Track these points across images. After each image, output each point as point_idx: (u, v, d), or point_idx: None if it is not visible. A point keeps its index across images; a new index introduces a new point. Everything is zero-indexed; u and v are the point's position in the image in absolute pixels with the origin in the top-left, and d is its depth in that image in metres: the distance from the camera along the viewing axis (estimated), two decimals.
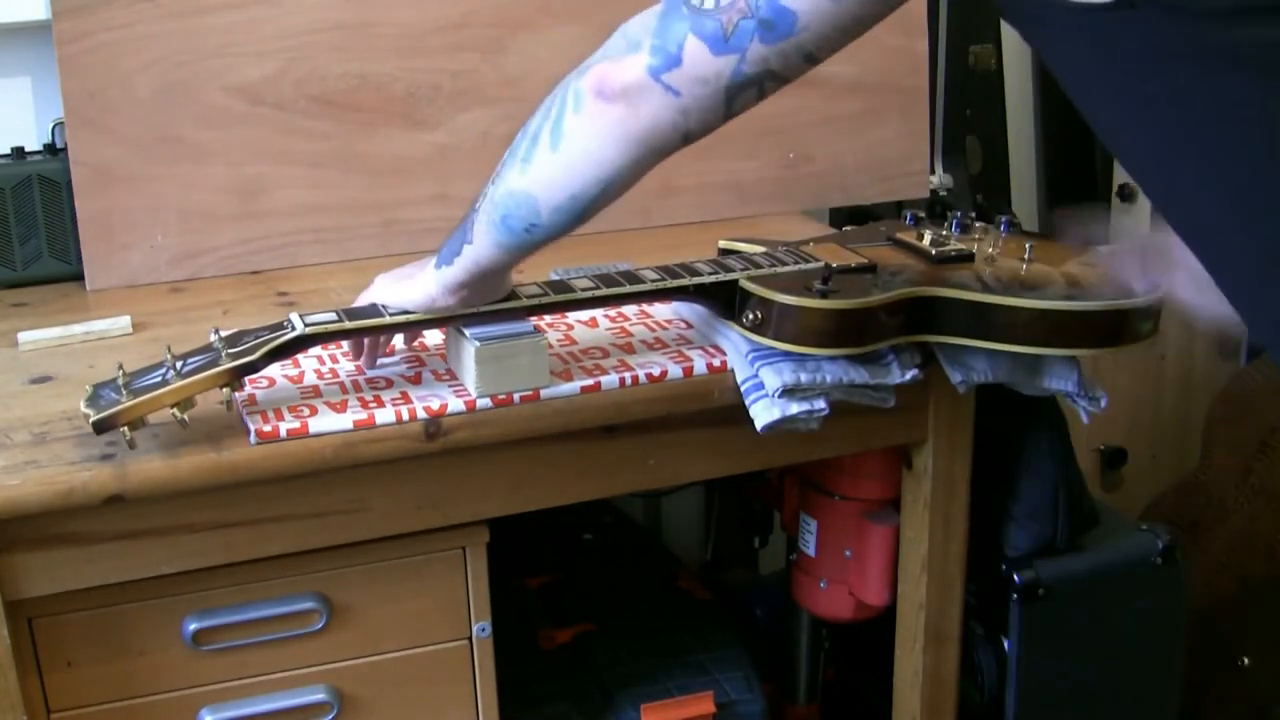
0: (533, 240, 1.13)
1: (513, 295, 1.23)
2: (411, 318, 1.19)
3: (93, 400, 1.11)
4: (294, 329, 1.16)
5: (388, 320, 1.19)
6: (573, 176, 1.08)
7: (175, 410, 1.10)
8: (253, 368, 1.13)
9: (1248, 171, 0.90)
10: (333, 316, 1.18)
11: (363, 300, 1.22)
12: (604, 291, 1.25)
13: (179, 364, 1.12)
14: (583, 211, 1.10)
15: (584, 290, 1.25)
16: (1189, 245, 0.99)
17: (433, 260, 1.18)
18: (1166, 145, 0.93)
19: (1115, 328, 1.29)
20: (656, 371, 1.26)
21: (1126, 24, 0.87)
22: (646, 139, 1.05)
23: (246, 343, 1.14)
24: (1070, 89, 0.98)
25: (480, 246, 1.14)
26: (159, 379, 1.11)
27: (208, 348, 1.15)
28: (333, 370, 1.27)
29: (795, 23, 0.97)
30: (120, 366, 1.13)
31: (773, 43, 0.99)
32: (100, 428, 1.08)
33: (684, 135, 1.06)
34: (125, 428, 1.09)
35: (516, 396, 1.21)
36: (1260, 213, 0.90)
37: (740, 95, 1.03)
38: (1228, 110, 0.88)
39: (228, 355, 1.13)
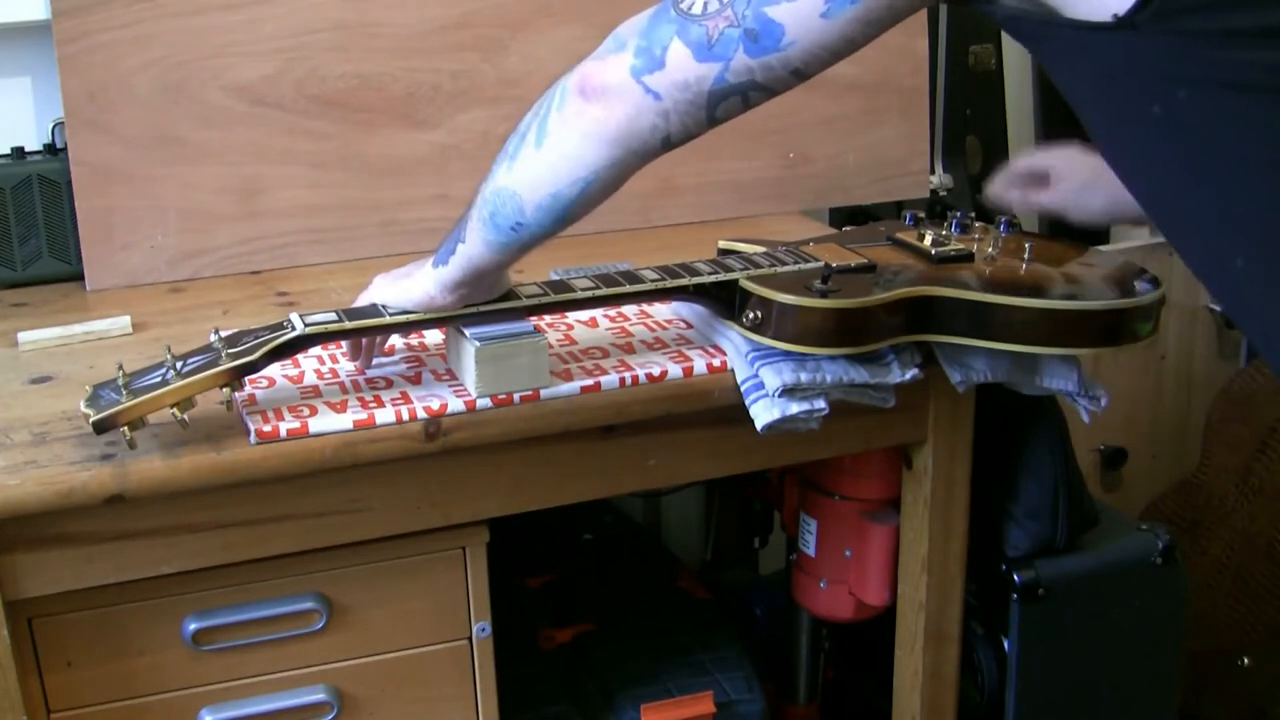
0: (520, 240, 1.13)
1: (513, 295, 1.23)
2: (411, 318, 1.19)
3: (93, 400, 1.11)
4: (294, 329, 1.16)
5: (388, 320, 1.19)
6: (554, 175, 1.08)
7: (175, 410, 1.10)
8: (253, 368, 1.13)
9: (1252, 191, 0.90)
10: (333, 316, 1.18)
11: (362, 300, 1.23)
12: (604, 291, 1.25)
13: (179, 364, 1.12)
14: (565, 211, 1.10)
15: (584, 290, 1.25)
16: (1191, 265, 0.99)
17: (430, 260, 1.18)
18: (1165, 165, 0.93)
19: (1115, 327, 1.29)
20: (656, 371, 1.26)
21: (1127, 45, 0.87)
22: (624, 140, 1.05)
23: (246, 343, 1.14)
24: (1073, 104, 0.98)
25: (472, 245, 1.14)
26: (159, 379, 1.11)
27: (208, 348, 1.15)
28: (333, 370, 1.27)
29: (782, 37, 0.97)
30: (120, 366, 1.13)
31: (757, 55, 0.99)
32: (100, 428, 1.08)
33: (664, 139, 1.05)
34: (125, 428, 1.09)
35: (516, 396, 1.21)
36: (1266, 233, 0.90)
37: (722, 103, 1.03)
38: (1230, 130, 0.88)
39: (228, 355, 1.13)
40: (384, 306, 1.20)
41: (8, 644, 1.14)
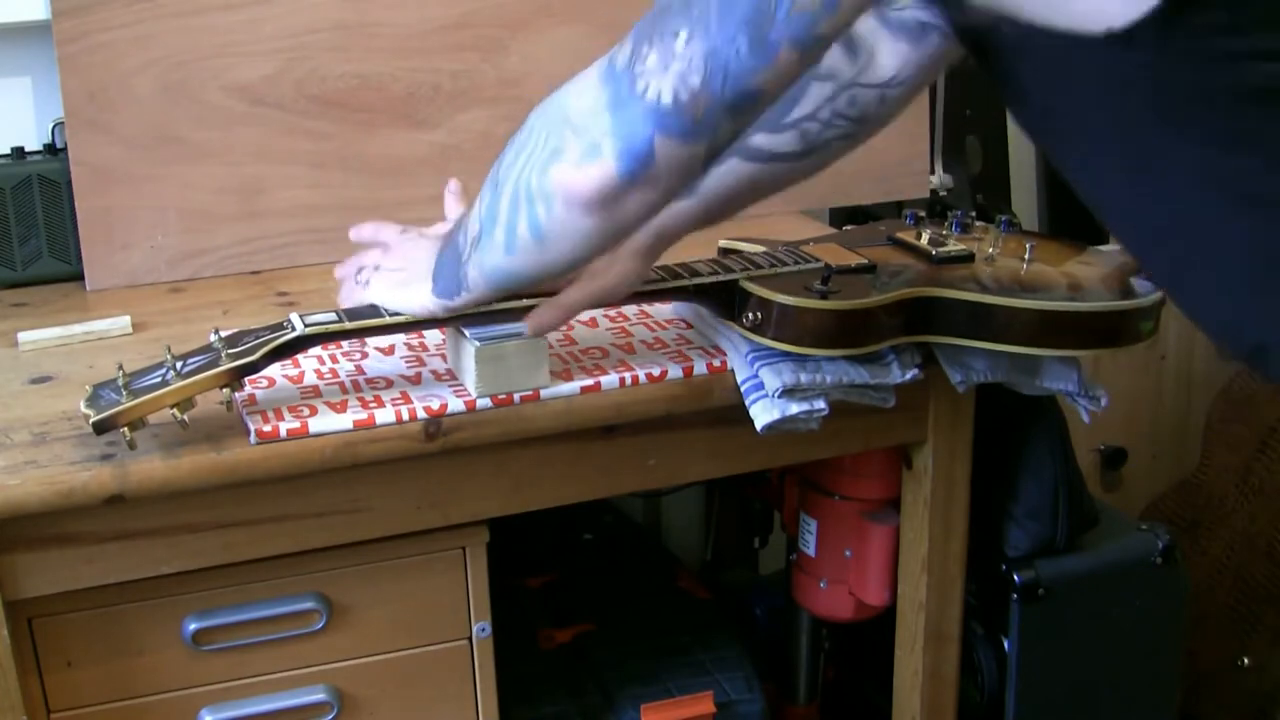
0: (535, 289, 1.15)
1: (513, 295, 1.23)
2: (412, 318, 1.19)
3: (93, 401, 1.10)
4: (294, 329, 1.16)
5: (388, 321, 1.19)
6: (564, 258, 1.05)
7: (175, 411, 1.10)
8: (253, 368, 1.13)
9: (1248, 173, 0.90)
10: (333, 317, 1.18)
11: (357, 293, 1.22)
12: None
13: (179, 364, 1.12)
14: (580, 267, 1.12)
15: None
16: (1153, 255, 0.99)
17: (429, 280, 1.16)
18: (1148, 146, 0.92)
19: (1115, 328, 1.29)
20: (656, 371, 1.26)
21: (1119, 59, 0.87)
22: (635, 224, 1.02)
23: (246, 343, 1.14)
24: (1045, 119, 0.97)
25: (479, 294, 1.12)
26: (159, 379, 1.11)
27: (207, 348, 1.15)
28: (333, 370, 1.27)
29: (760, 96, 0.93)
30: (120, 367, 1.13)
31: (741, 112, 0.95)
32: (100, 428, 1.08)
33: (668, 201, 1.02)
34: (125, 428, 1.09)
35: (516, 396, 1.21)
36: (1260, 216, 0.90)
37: (717, 158, 0.99)
38: (1219, 110, 0.88)
39: (228, 355, 1.13)
40: (384, 306, 1.20)
41: (8, 644, 1.14)
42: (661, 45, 0.91)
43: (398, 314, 1.19)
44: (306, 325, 1.16)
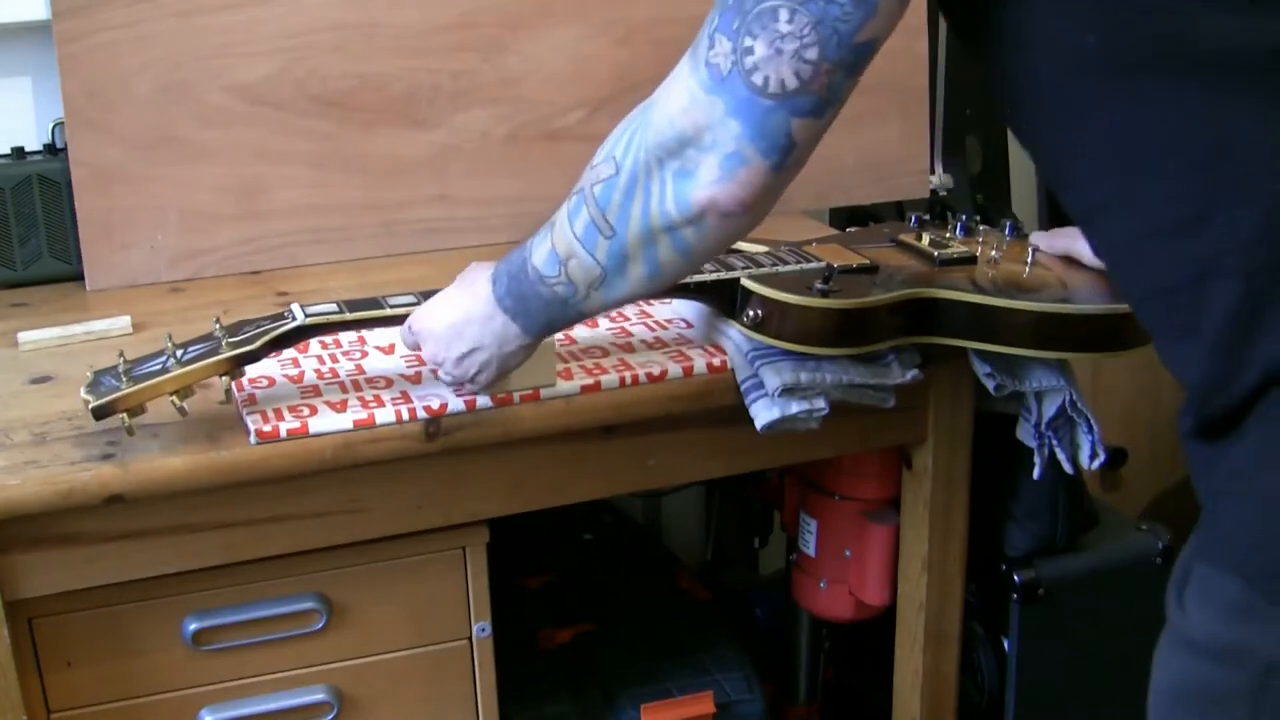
0: None
1: None
2: (412, 310, 1.19)
3: (93, 386, 1.11)
4: (295, 319, 1.16)
5: (389, 313, 1.19)
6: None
7: (174, 398, 1.10)
8: (253, 356, 1.14)
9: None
10: (333, 308, 1.18)
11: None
12: None
13: (179, 352, 1.12)
14: None
15: None
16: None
17: (504, 308, 1.11)
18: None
19: (1115, 331, 1.29)
20: (656, 371, 1.26)
21: None
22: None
23: (247, 332, 1.15)
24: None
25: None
26: (159, 366, 1.11)
27: (209, 336, 1.15)
28: (333, 370, 1.27)
29: (873, 45, 0.94)
30: (121, 354, 1.13)
31: (859, 68, 0.94)
32: (100, 414, 1.08)
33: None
34: (124, 414, 1.09)
35: (516, 396, 1.21)
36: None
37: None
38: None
39: (228, 344, 1.13)
40: (385, 299, 1.20)
41: (8, 644, 1.14)
42: (764, 32, 0.90)
43: (399, 305, 1.19)
44: (307, 315, 1.17)
